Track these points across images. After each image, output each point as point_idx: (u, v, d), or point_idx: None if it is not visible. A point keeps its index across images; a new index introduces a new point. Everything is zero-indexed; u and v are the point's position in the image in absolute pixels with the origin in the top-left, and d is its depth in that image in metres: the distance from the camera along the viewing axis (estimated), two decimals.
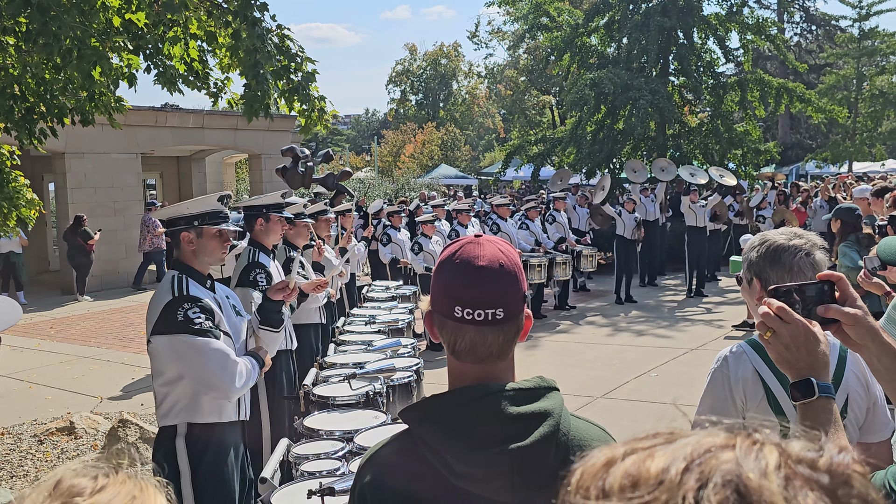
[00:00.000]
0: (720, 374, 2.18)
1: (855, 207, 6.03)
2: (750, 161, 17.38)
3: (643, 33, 16.49)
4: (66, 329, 11.89)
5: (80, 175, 15.53)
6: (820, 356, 1.35)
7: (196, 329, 3.04)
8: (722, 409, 2.15)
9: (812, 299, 1.43)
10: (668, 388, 7.59)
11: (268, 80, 4.85)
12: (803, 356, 1.35)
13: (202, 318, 3.07)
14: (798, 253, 2.07)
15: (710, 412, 2.17)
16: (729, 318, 10.96)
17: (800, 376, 1.36)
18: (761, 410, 2.11)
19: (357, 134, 69.70)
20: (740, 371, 2.14)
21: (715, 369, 2.20)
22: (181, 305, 3.07)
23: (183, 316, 3.05)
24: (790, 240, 2.10)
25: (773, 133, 34.11)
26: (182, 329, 3.04)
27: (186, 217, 3.24)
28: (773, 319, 1.37)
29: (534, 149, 18.46)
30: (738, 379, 2.14)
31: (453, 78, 53.72)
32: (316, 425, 3.61)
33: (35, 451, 6.32)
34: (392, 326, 5.98)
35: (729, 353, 2.20)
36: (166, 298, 3.11)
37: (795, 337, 1.35)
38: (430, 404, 1.33)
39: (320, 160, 10.89)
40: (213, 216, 3.27)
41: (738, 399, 2.13)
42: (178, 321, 3.05)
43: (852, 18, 29.82)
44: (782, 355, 1.37)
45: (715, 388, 2.18)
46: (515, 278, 1.37)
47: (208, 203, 3.30)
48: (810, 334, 1.35)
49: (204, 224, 3.24)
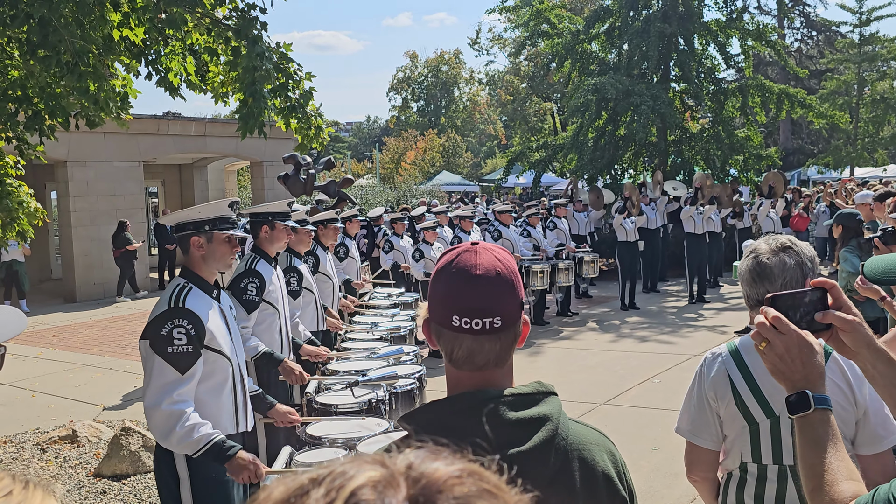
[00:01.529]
0: (699, 373, 2.30)
1: (856, 213, 6.04)
2: (751, 167, 17.40)
3: (644, 40, 16.53)
4: (68, 337, 11.89)
5: (82, 183, 15.56)
6: (815, 367, 1.34)
7: (169, 353, 3.03)
8: (697, 406, 2.28)
9: (809, 307, 1.43)
10: (670, 394, 7.57)
11: (265, 98, 4.85)
12: (798, 367, 1.34)
13: (183, 340, 3.05)
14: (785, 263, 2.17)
15: (688, 410, 2.32)
16: (731, 323, 10.95)
17: (795, 388, 1.34)
18: (730, 411, 2.20)
19: (359, 141, 69.85)
20: (713, 371, 2.24)
21: (698, 368, 2.31)
22: (171, 320, 3.07)
23: (167, 333, 3.05)
24: (774, 254, 2.19)
25: (775, 138, 34.14)
26: (158, 348, 3.04)
27: (197, 222, 3.25)
28: (768, 329, 1.36)
29: (535, 155, 18.50)
30: (710, 378, 2.24)
31: (454, 85, 53.84)
32: (319, 433, 3.61)
33: (37, 460, 6.32)
34: (394, 333, 5.98)
35: (709, 354, 2.30)
36: (163, 307, 3.13)
37: (790, 347, 1.34)
38: (429, 410, 1.33)
39: (322, 167, 10.91)
40: (223, 221, 3.29)
41: (710, 398, 2.24)
42: (160, 336, 3.05)
43: (853, 24, 29.91)
44: (777, 366, 1.36)
45: (693, 387, 2.31)
46: (512, 286, 1.36)
47: (219, 208, 3.31)
48: (805, 345, 1.34)
49: (214, 229, 3.26)
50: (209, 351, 3.17)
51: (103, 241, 15.73)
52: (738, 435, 2.19)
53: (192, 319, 3.09)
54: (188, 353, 3.06)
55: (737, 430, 2.19)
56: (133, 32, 5.21)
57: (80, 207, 15.54)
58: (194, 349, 3.08)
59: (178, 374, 3.04)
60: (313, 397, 4.19)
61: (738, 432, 2.19)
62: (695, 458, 2.32)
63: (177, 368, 3.04)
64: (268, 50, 4.92)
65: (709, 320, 11.56)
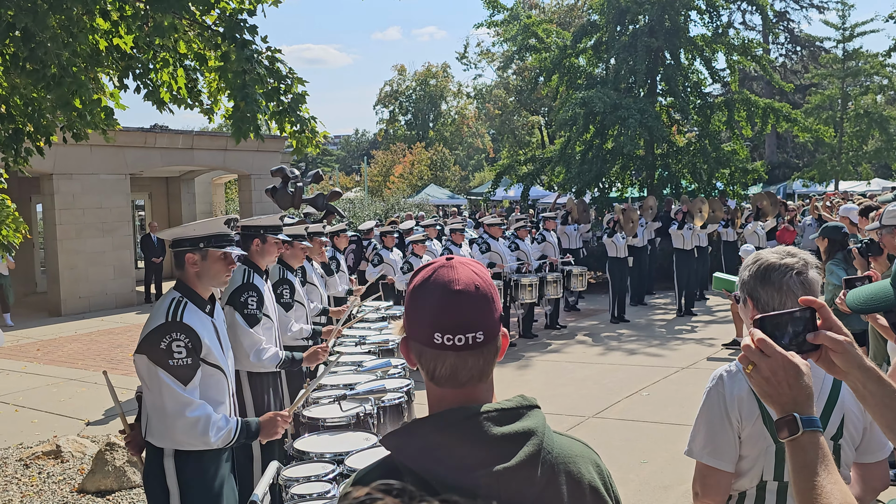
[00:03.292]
0: (716, 392, 2.17)
1: (841, 226, 6.08)
2: (738, 180, 17.54)
3: (631, 54, 16.67)
4: (52, 351, 11.78)
5: (68, 196, 15.47)
6: (803, 389, 1.33)
7: (171, 366, 3.04)
8: (718, 428, 2.15)
9: (798, 327, 1.42)
10: (659, 407, 7.58)
11: (257, 102, 4.84)
12: (785, 390, 1.33)
13: (183, 353, 3.06)
14: (788, 272, 2.08)
15: (705, 431, 2.17)
16: (719, 336, 10.98)
17: (784, 411, 1.33)
18: (756, 429, 2.11)
19: (347, 154, 69.91)
20: (735, 390, 2.13)
21: (710, 388, 2.19)
22: (169, 333, 3.07)
23: (166, 346, 3.05)
24: (782, 259, 2.10)
25: (761, 152, 34.45)
26: (159, 361, 3.05)
27: (192, 238, 3.25)
28: (754, 352, 1.35)
29: (523, 168, 18.58)
30: (733, 398, 2.13)
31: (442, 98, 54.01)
32: (306, 447, 3.58)
33: (20, 476, 6.24)
34: (382, 347, 5.96)
35: (724, 372, 2.18)
36: (159, 320, 3.12)
37: (776, 371, 1.33)
38: (412, 429, 1.31)
39: (310, 180, 10.89)
40: (219, 239, 3.28)
41: (734, 418, 2.13)
42: (160, 349, 3.05)
43: (836, 39, 30.29)
44: (764, 389, 1.35)
45: (710, 408, 2.17)
46: (491, 299, 1.35)
47: (215, 226, 3.31)
48: (790, 367, 1.33)
49: (209, 246, 3.25)
50: (206, 365, 3.18)
51: (89, 254, 15.63)
52: (760, 454, 2.12)
53: (189, 334, 3.10)
54: (188, 364, 3.09)
55: (759, 449, 2.11)
56: (122, 41, 5.20)
57: (65, 220, 15.44)
58: (193, 361, 3.10)
59: (182, 385, 3.06)
60: (301, 411, 4.16)
61: (760, 451, 2.11)
62: (711, 482, 2.16)
63: (180, 380, 3.06)
64: (258, 53, 4.91)
65: (697, 333, 11.59)
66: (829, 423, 2.11)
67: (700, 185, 17.48)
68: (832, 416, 2.12)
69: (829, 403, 2.12)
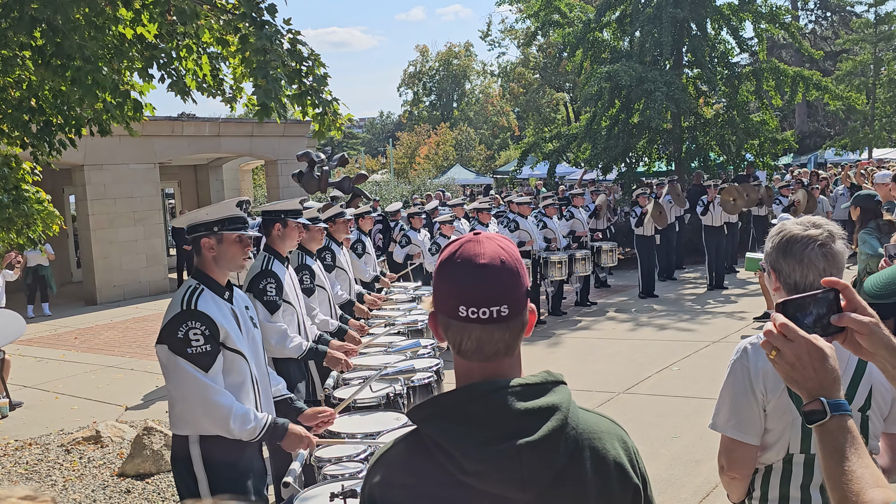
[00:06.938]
0: (740, 365, 2.15)
1: (874, 194, 5.97)
2: (767, 151, 17.24)
3: (656, 26, 16.39)
4: (90, 339, 12.02)
5: (99, 186, 15.70)
6: (829, 372, 1.31)
7: (190, 354, 3.06)
8: (742, 401, 2.13)
9: (822, 309, 1.38)
10: (690, 381, 7.54)
11: (278, 81, 4.81)
12: (811, 374, 1.31)
13: (200, 340, 3.07)
14: (811, 244, 2.04)
15: (730, 404, 2.16)
16: (750, 309, 10.87)
17: (811, 395, 1.31)
18: (782, 402, 2.09)
19: (372, 137, 69.99)
20: (760, 363, 2.10)
21: (734, 361, 2.17)
22: (185, 322, 3.08)
23: (183, 335, 3.06)
24: (805, 230, 2.06)
25: (791, 122, 33.81)
26: (178, 350, 3.06)
27: (206, 223, 3.24)
28: (777, 337, 1.33)
29: (549, 146, 18.42)
30: (758, 371, 2.11)
31: (465, 78, 53.72)
32: (338, 428, 3.62)
33: (62, 461, 6.40)
34: (411, 328, 5.99)
35: (749, 345, 2.16)
36: (175, 310, 3.13)
37: (800, 355, 1.31)
38: (438, 403, 1.33)
39: (336, 164, 10.93)
40: (233, 221, 3.26)
41: (759, 391, 2.11)
42: (178, 338, 3.06)
43: (867, 3, 29.52)
44: (789, 374, 1.33)
45: (735, 381, 2.15)
46: (517, 274, 1.35)
47: (227, 208, 3.29)
48: (815, 350, 1.31)
49: (224, 230, 3.23)
50: (226, 350, 3.17)
51: (121, 243, 15.88)
52: (786, 427, 2.10)
53: (205, 321, 3.10)
54: (207, 351, 3.08)
55: (785, 422, 2.09)
56: (146, 29, 5.21)
57: (97, 211, 15.68)
58: (213, 347, 3.10)
59: (203, 372, 3.07)
60: (332, 392, 4.21)
61: (786, 424, 2.10)
62: (737, 456, 2.15)
63: (200, 367, 3.07)
64: (277, 34, 4.88)
65: (727, 307, 11.49)
66: (856, 395, 2.08)
67: (729, 157, 17.21)
68: (860, 388, 2.09)
69: (857, 375, 2.09)
